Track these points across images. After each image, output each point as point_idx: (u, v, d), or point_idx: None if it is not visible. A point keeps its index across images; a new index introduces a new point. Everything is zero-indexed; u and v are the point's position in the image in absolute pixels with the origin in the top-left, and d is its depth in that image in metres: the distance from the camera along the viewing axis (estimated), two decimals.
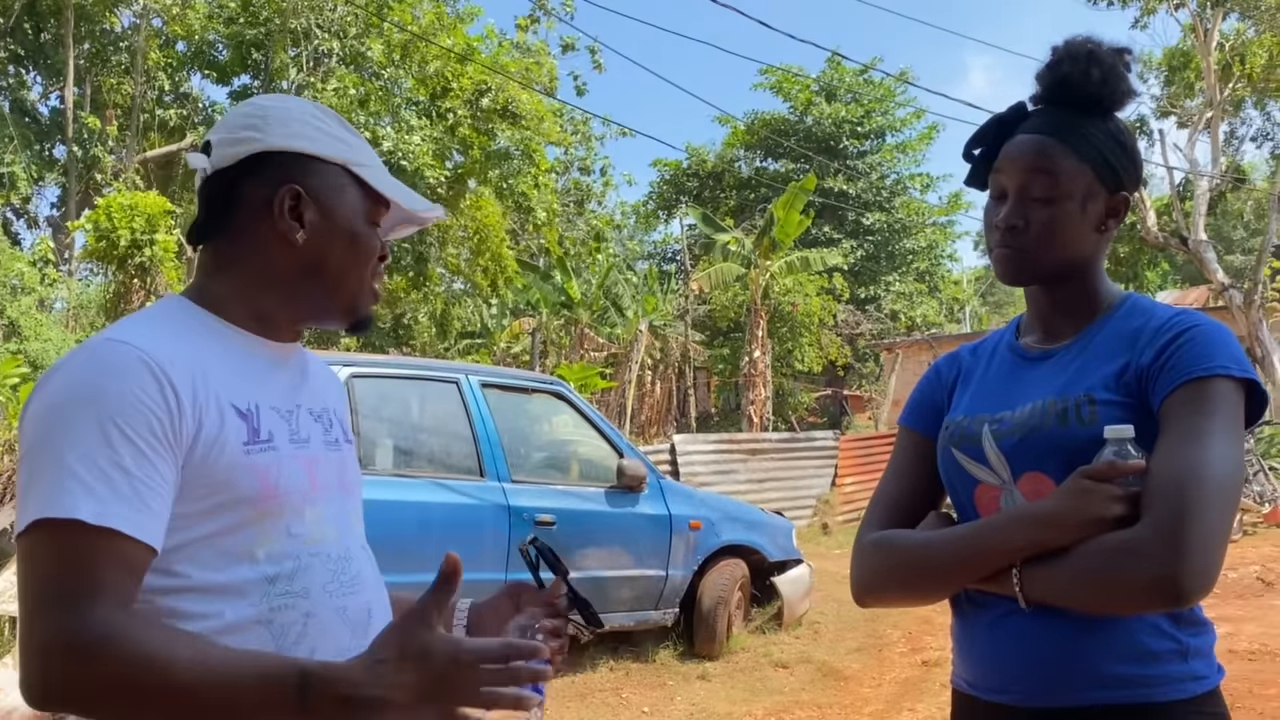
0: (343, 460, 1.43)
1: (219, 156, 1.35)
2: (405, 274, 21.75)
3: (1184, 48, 20.66)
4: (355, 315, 1.41)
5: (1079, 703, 1.43)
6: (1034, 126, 1.57)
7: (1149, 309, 1.55)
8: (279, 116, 1.36)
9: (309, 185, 1.34)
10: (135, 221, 13.89)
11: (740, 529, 7.14)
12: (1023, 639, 1.47)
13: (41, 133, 22.86)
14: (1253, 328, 16.21)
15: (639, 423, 20.62)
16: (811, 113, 30.79)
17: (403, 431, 5.98)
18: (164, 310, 1.34)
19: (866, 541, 1.62)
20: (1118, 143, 1.56)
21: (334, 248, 1.36)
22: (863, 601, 1.64)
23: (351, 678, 1.06)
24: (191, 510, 1.20)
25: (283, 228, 1.33)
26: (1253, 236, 32.89)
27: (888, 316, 29.40)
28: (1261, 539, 11.26)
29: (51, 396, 1.17)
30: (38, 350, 14.73)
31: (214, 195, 1.37)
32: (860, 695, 5.94)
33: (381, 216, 1.43)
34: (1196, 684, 1.44)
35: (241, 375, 1.30)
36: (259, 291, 1.35)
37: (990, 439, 1.54)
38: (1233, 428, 1.38)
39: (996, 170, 1.59)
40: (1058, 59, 1.57)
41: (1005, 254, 1.57)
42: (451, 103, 20.10)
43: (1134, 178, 1.58)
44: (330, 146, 1.37)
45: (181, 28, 21.80)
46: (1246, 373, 1.42)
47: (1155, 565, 1.29)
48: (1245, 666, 6.14)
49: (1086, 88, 1.54)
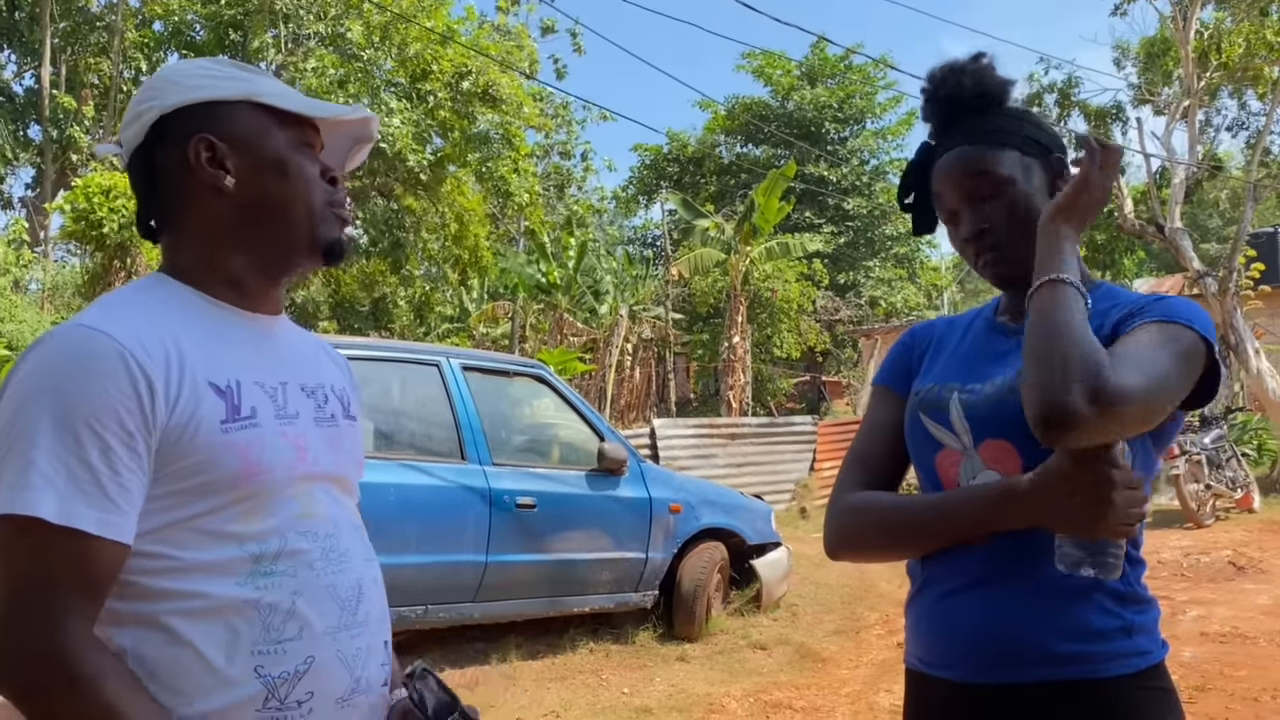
0: (338, 436, 1.41)
1: (128, 137, 1.35)
2: (384, 258, 21.67)
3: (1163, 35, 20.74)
4: (320, 241, 1.38)
5: (1025, 679, 1.46)
6: (946, 148, 1.62)
7: (1121, 291, 1.60)
8: (170, 80, 1.36)
9: (219, 131, 1.32)
10: (114, 202, 13.80)
11: (719, 513, 7.18)
12: (970, 616, 1.50)
13: (16, 112, 22.62)
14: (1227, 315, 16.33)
15: (619, 407, 20.63)
16: (793, 97, 30.78)
17: (384, 414, 5.98)
18: (143, 288, 1.33)
19: (848, 500, 1.65)
20: (1018, 117, 1.62)
21: (266, 181, 1.34)
22: (835, 555, 1.68)
23: None
24: (174, 490, 1.19)
25: (209, 179, 1.32)
26: (1228, 225, 33.17)
27: (867, 303, 29.49)
28: (1233, 524, 11.40)
29: (22, 385, 1.16)
30: (12, 331, 14.61)
31: (138, 177, 1.37)
32: (838, 677, 6.00)
33: (311, 138, 1.40)
34: (1141, 659, 1.47)
35: (221, 351, 1.28)
36: (218, 252, 1.34)
37: (958, 406, 1.57)
38: (1183, 361, 1.40)
39: (937, 197, 1.65)
40: (929, 89, 1.64)
41: (989, 259, 1.60)
42: (432, 85, 20.01)
43: (1054, 139, 1.63)
44: (228, 87, 1.34)
45: (159, 7, 21.59)
46: (1209, 335, 1.45)
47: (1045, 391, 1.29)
48: (1216, 649, 6.22)
49: (963, 96, 1.61)
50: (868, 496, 1.64)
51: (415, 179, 20.14)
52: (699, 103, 32.90)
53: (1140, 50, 21.63)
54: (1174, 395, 1.39)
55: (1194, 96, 17.85)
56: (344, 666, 1.29)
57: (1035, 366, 1.33)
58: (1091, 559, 1.39)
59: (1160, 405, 1.37)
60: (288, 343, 1.43)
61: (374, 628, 1.36)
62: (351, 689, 1.29)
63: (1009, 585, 1.48)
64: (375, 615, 1.38)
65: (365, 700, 1.32)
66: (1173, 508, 11.43)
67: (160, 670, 1.18)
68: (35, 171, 23.81)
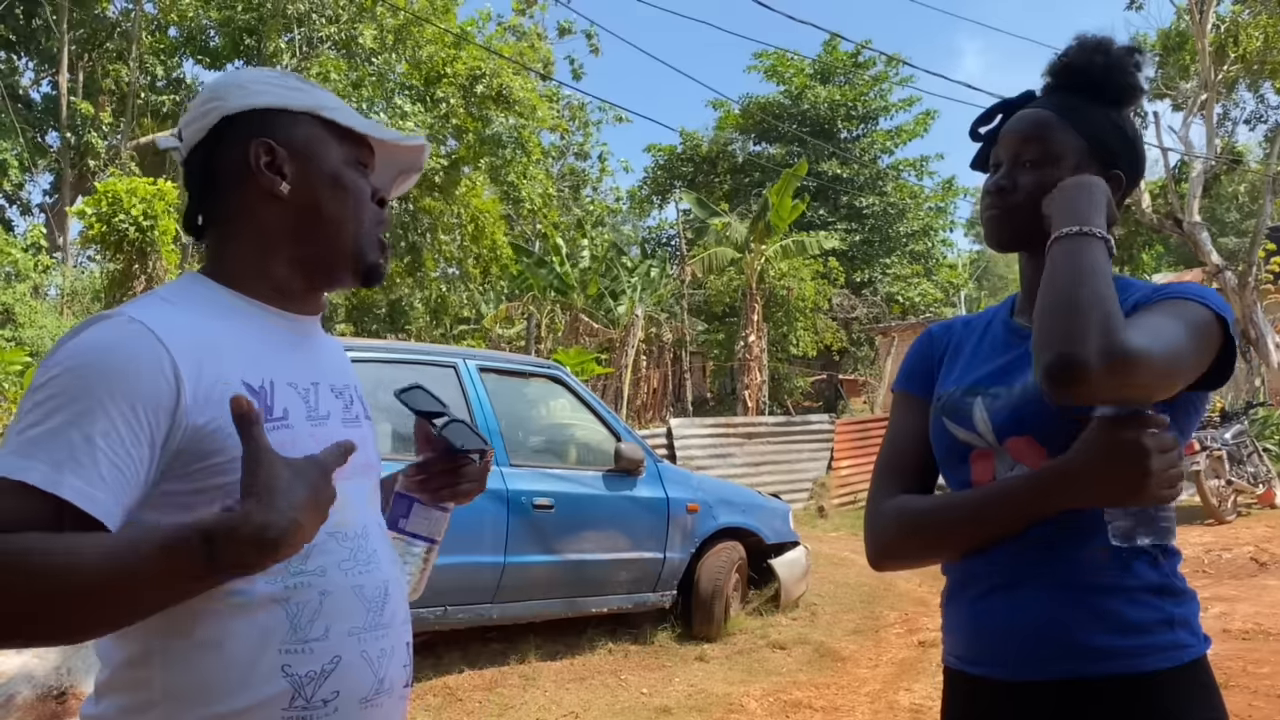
0: (363, 437, 1.42)
1: (189, 135, 1.38)
2: (401, 260, 21.72)
3: (1179, 28, 20.63)
4: (362, 262, 1.40)
5: (1065, 674, 1.45)
6: (1036, 105, 1.61)
7: (1135, 283, 1.58)
8: (236, 83, 1.38)
9: (280, 137, 1.35)
10: (135, 207, 13.89)
11: (737, 512, 7.18)
12: (1009, 612, 1.50)
13: (34, 119, 22.78)
14: (1247, 310, 16.23)
15: (635, 407, 20.63)
16: (806, 96, 30.71)
17: (401, 416, 5.98)
18: (182, 287, 1.34)
19: (887, 508, 1.63)
20: (1116, 127, 1.58)
21: (321, 193, 1.36)
22: (880, 565, 1.66)
23: (253, 518, 1.03)
24: (202, 487, 1.20)
25: (265, 183, 1.34)
26: (1246, 219, 32.94)
27: (884, 300, 29.40)
28: (1255, 520, 11.32)
29: (59, 360, 1.17)
30: (33, 337, 14.72)
31: (195, 174, 1.38)
32: (857, 676, 5.98)
33: (366, 158, 1.43)
34: (1183, 652, 1.46)
35: (257, 351, 1.30)
36: (265, 257, 1.35)
37: (982, 410, 1.56)
38: (1196, 334, 1.39)
39: (996, 145, 1.63)
40: (1068, 48, 1.60)
41: (991, 215, 1.60)
42: (445, 89, 20.05)
43: (1131, 164, 1.59)
44: (292, 97, 1.37)
45: (175, 13, 21.69)
46: (1225, 312, 1.44)
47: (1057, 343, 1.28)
48: (1239, 645, 6.18)
49: (1090, 73, 1.57)
50: (904, 501, 1.62)
51: (430, 181, 20.20)
52: (712, 102, 32.89)
53: (1157, 44, 21.51)
54: (1186, 366, 1.38)
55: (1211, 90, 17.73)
56: (369, 667, 1.30)
57: (1050, 316, 1.31)
58: (1143, 527, 1.39)
59: (1172, 374, 1.35)
60: (322, 343, 1.45)
61: (398, 629, 1.38)
62: (375, 689, 1.31)
63: (1047, 581, 1.47)
64: (400, 617, 1.39)
65: (387, 700, 1.33)
66: (1194, 503, 11.36)
67: (189, 669, 1.19)
68: (54, 177, 23.98)
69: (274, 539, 1.03)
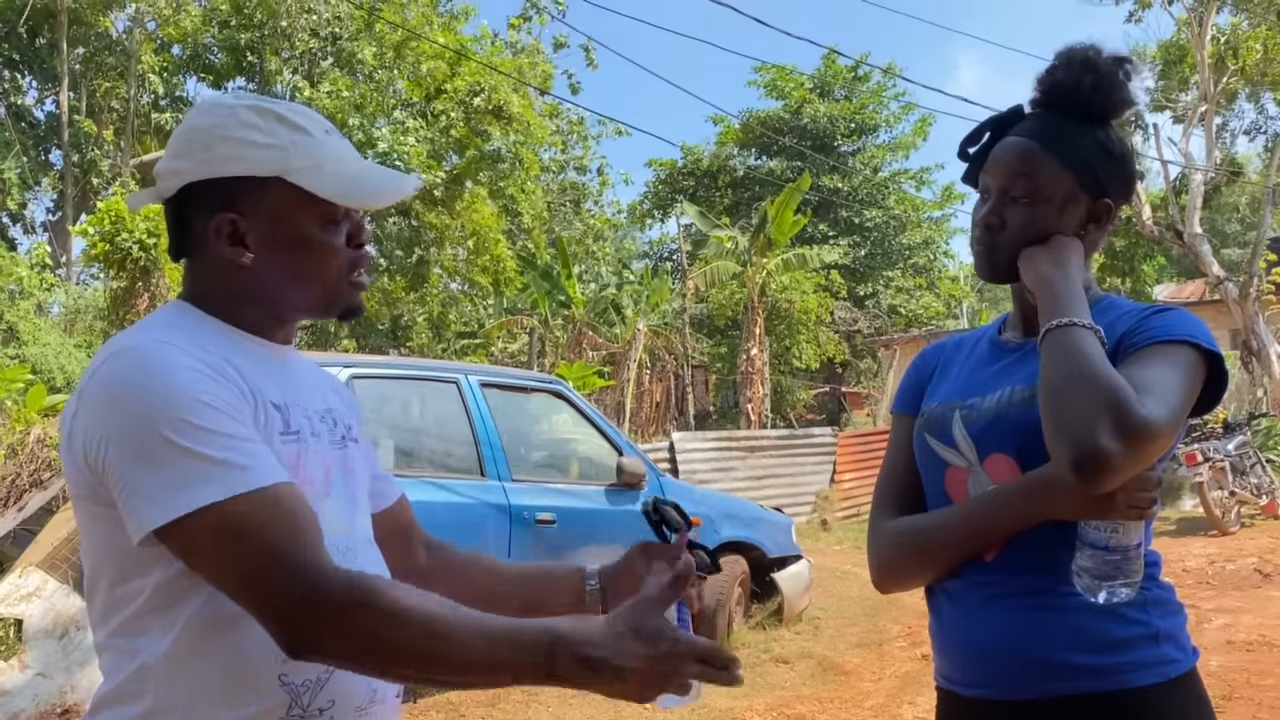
0: (347, 458, 1.44)
1: (162, 187, 1.36)
2: (405, 275, 21.77)
3: (1178, 41, 20.68)
4: (335, 309, 1.41)
5: (1053, 693, 1.46)
6: (1023, 130, 1.60)
7: (1122, 303, 1.60)
8: (202, 141, 1.33)
9: (243, 209, 1.32)
10: (138, 226, 13.94)
11: (740, 526, 7.17)
12: (995, 631, 1.50)
13: (37, 137, 22.86)
14: (1249, 321, 16.24)
15: (638, 421, 20.63)
16: (806, 111, 30.79)
17: (404, 432, 6.01)
18: (176, 315, 1.35)
19: (885, 530, 1.66)
20: (1104, 150, 1.58)
21: (284, 260, 1.34)
22: (885, 588, 1.70)
23: (595, 641, 1.12)
24: None
25: (228, 254, 1.32)
26: (1248, 230, 32.96)
27: (886, 313, 29.42)
28: (1259, 531, 11.29)
29: (119, 396, 1.18)
30: (36, 355, 14.74)
31: (170, 219, 1.38)
32: (861, 690, 5.97)
33: (338, 214, 1.37)
34: (1170, 667, 1.47)
35: (260, 371, 1.32)
36: (235, 303, 1.36)
37: (960, 424, 1.58)
38: (1187, 385, 1.41)
39: (985, 170, 1.63)
40: (1054, 64, 1.60)
41: (980, 250, 1.62)
42: (444, 104, 20.12)
43: (1121, 186, 1.60)
44: (262, 159, 1.32)
45: (176, 31, 21.80)
46: (1213, 347, 1.46)
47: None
48: (1243, 657, 6.17)
49: (1078, 94, 1.57)
50: (902, 522, 1.64)
51: (431, 196, 20.26)
52: (711, 117, 32.97)
53: (1157, 56, 21.57)
54: (1186, 413, 1.42)
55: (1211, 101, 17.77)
56: (363, 676, 1.30)
57: (1060, 414, 1.34)
58: (1104, 580, 1.40)
59: (1179, 426, 1.39)
60: (299, 370, 1.46)
61: None
62: (369, 699, 1.32)
63: (1029, 600, 1.48)
64: None
65: (380, 709, 1.35)
66: (1197, 515, 11.33)
67: (189, 680, 1.20)
68: (57, 196, 24.04)
69: (601, 667, 1.12)
